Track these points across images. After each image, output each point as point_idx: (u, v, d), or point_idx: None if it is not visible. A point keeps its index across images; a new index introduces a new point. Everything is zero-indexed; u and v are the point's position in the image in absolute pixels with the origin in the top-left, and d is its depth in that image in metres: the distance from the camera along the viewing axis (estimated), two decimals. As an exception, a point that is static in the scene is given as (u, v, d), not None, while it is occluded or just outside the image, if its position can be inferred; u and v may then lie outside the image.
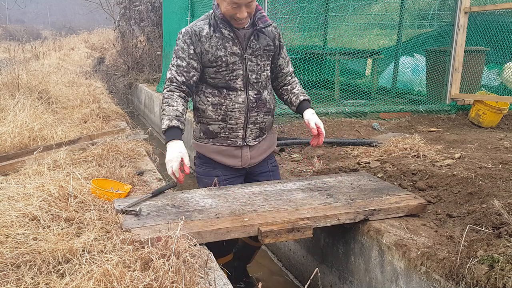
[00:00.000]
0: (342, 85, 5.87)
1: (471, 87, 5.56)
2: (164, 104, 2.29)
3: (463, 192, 2.62)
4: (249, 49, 2.36)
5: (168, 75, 2.34)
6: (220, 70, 2.33)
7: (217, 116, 2.40)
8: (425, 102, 5.67)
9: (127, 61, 11.34)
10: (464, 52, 5.37)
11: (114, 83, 11.24)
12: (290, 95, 2.58)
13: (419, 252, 2.02)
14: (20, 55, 9.23)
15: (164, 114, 2.27)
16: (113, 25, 13.28)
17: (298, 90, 2.58)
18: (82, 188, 2.53)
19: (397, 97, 5.91)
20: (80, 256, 1.81)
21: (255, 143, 2.51)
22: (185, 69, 2.31)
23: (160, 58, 9.94)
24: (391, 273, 2.19)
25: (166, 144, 2.23)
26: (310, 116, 2.47)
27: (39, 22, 36.42)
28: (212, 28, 2.33)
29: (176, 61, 2.33)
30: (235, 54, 2.33)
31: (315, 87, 5.59)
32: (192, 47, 2.31)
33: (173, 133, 2.22)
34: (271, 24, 2.42)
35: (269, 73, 2.53)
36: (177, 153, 2.18)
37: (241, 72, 2.36)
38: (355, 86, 5.93)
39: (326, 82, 5.91)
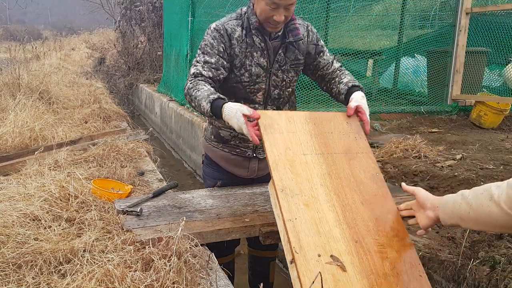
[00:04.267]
0: (343, 85, 5.86)
1: (473, 88, 5.56)
2: (193, 93, 2.03)
3: (465, 193, 2.62)
4: (276, 64, 2.19)
5: (192, 70, 2.11)
6: (242, 80, 2.18)
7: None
8: (426, 103, 5.67)
9: (128, 61, 11.35)
10: (466, 53, 5.37)
11: (114, 83, 11.26)
12: (338, 85, 2.23)
13: (420, 254, 2.02)
14: (21, 55, 9.24)
15: (198, 100, 2.00)
16: (114, 25, 13.32)
17: (347, 79, 2.22)
18: (83, 188, 2.53)
19: (398, 98, 5.91)
20: (81, 256, 1.81)
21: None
22: (214, 65, 2.10)
23: (161, 59, 9.95)
24: (392, 274, 2.18)
25: (222, 117, 1.93)
26: (357, 96, 2.08)
27: (40, 22, 36.49)
28: (244, 32, 2.14)
29: (204, 57, 2.11)
30: (261, 66, 2.17)
31: (316, 88, 5.59)
32: (222, 45, 2.12)
33: (218, 103, 1.94)
34: (302, 39, 2.20)
35: (294, 88, 2.37)
36: (235, 119, 1.87)
37: (263, 86, 2.21)
38: (356, 87, 5.91)
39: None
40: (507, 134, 4.53)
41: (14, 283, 1.67)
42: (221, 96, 1.97)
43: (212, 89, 2.01)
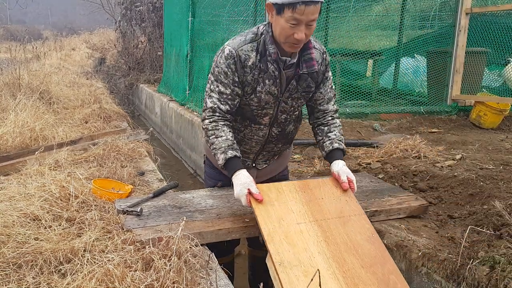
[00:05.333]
0: (343, 86, 5.88)
1: (472, 88, 5.56)
2: (211, 138, 2.09)
3: (464, 193, 2.62)
4: (287, 92, 2.14)
5: (209, 103, 2.10)
6: (251, 103, 2.15)
7: None
8: (426, 103, 5.67)
9: (128, 61, 11.36)
10: (465, 53, 5.37)
11: (115, 83, 11.27)
12: (324, 137, 2.25)
13: (420, 253, 2.02)
14: (21, 56, 9.25)
15: (215, 148, 2.08)
16: (114, 25, 13.32)
17: (335, 135, 2.23)
18: (84, 188, 2.54)
19: (398, 98, 5.91)
20: (82, 256, 1.81)
21: (265, 166, 2.43)
22: (229, 96, 2.09)
23: (161, 59, 9.96)
24: (392, 274, 2.19)
25: (231, 177, 2.06)
26: (341, 167, 2.14)
27: (40, 23, 36.51)
28: (258, 57, 2.05)
29: (218, 86, 2.08)
30: (271, 94, 2.11)
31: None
32: (237, 74, 2.06)
33: (233, 164, 2.05)
34: (316, 71, 2.13)
35: (301, 109, 2.35)
36: (240, 186, 1.99)
37: (271, 112, 2.18)
38: (356, 87, 5.93)
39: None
40: (506, 134, 4.53)
41: (14, 282, 1.67)
42: (237, 154, 2.06)
43: (230, 138, 2.08)
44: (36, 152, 3.49)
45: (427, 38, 6.25)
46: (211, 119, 2.10)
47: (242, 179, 2.01)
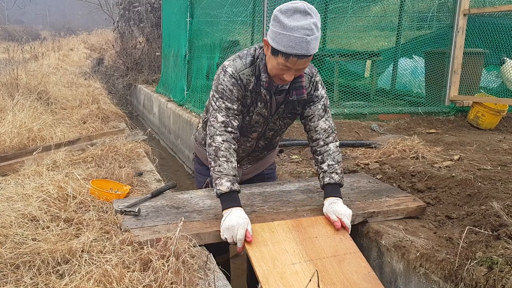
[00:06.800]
0: (341, 86, 5.88)
1: (470, 89, 5.57)
2: (221, 159, 2.04)
3: (462, 193, 2.63)
4: (276, 115, 2.24)
5: (220, 118, 2.09)
6: (243, 121, 2.22)
7: None
8: (424, 104, 5.68)
9: (126, 62, 11.35)
10: (463, 54, 5.39)
11: (113, 83, 11.26)
12: (318, 169, 2.27)
13: (418, 254, 2.02)
14: (19, 56, 9.24)
15: (220, 172, 2.03)
16: (112, 26, 13.32)
17: (328, 165, 2.22)
18: (81, 188, 2.53)
19: (396, 99, 5.92)
20: (80, 256, 1.81)
21: (249, 166, 2.53)
22: (236, 112, 2.11)
23: (159, 59, 9.95)
24: (390, 274, 2.19)
25: (224, 209, 2.02)
26: (327, 208, 2.17)
27: (38, 23, 36.48)
28: (256, 81, 2.12)
29: (224, 103, 2.10)
30: (262, 116, 2.20)
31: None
32: (241, 94, 2.12)
33: (234, 198, 2.03)
34: (304, 98, 2.18)
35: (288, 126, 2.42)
36: (243, 220, 1.95)
37: (259, 130, 2.27)
38: (354, 88, 5.93)
39: (325, 83, 5.88)
40: (504, 135, 4.54)
41: (12, 283, 1.66)
42: (239, 189, 2.04)
43: (236, 167, 2.06)
44: (34, 153, 3.47)
45: (425, 39, 6.26)
46: (224, 137, 2.07)
47: (244, 215, 1.99)
